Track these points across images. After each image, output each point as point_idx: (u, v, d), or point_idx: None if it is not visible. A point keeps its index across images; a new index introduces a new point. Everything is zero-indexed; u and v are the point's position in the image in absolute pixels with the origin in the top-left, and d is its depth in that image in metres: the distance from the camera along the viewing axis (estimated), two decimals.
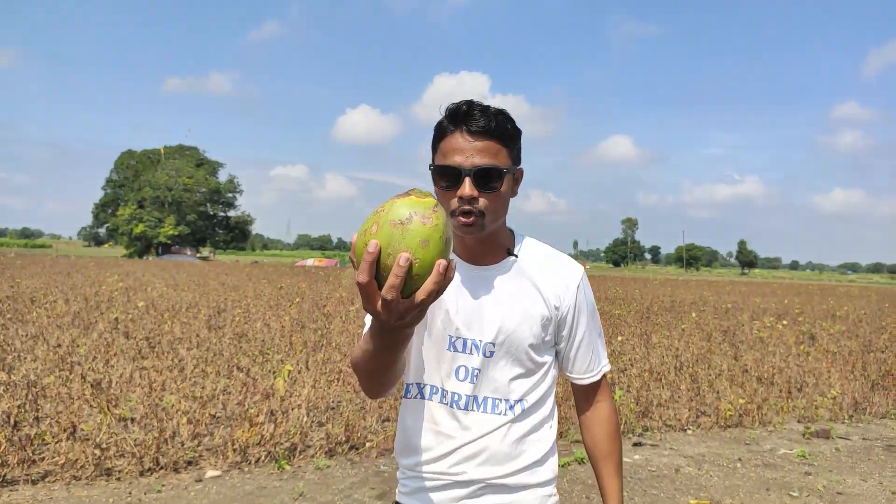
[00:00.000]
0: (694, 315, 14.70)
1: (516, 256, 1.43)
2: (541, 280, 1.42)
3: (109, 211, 75.25)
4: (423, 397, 1.43)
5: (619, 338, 9.94)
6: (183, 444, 4.64)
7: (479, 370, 1.39)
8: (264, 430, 4.84)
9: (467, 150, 1.30)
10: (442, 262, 0.90)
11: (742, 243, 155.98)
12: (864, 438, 6.08)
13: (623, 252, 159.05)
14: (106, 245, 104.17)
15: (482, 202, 1.31)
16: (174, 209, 70.86)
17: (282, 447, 4.73)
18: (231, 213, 79.11)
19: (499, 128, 1.32)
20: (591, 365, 1.50)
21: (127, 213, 69.70)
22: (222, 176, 77.97)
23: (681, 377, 7.53)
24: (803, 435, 6.05)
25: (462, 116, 1.31)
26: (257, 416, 4.97)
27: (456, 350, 1.40)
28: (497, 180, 1.32)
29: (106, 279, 19.25)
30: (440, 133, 1.36)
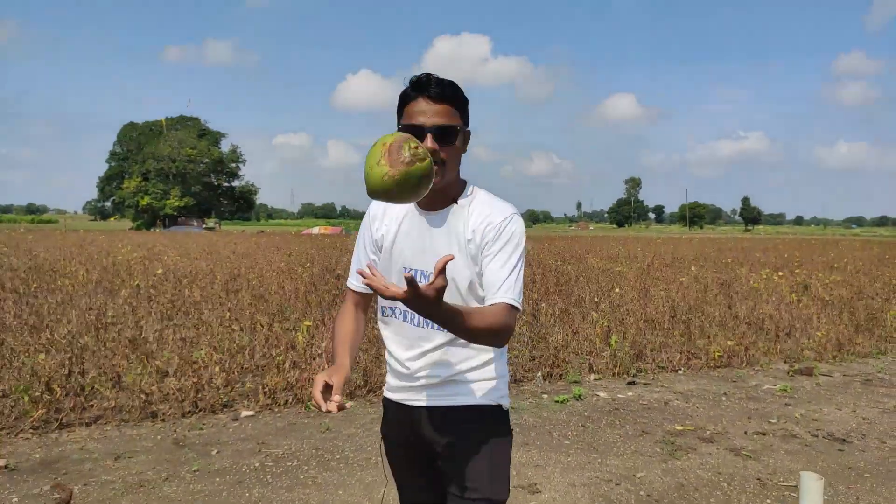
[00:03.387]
0: (693, 269, 15.11)
1: (457, 203, 1.73)
2: (472, 221, 1.70)
3: (114, 184, 75.54)
4: (394, 316, 1.80)
5: (616, 289, 10.38)
6: (218, 390, 5.12)
7: None
8: (290, 376, 5.31)
9: (428, 112, 1.62)
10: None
11: (746, 200, 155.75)
12: (844, 375, 6.54)
13: (627, 212, 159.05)
14: (112, 218, 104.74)
15: (442, 154, 1.62)
16: (179, 181, 71.15)
17: (307, 391, 5.21)
18: (235, 184, 79.41)
19: (453, 95, 1.65)
20: (492, 288, 1.64)
21: (132, 185, 70.06)
22: (225, 146, 78.06)
23: (675, 324, 7.98)
24: (788, 373, 6.51)
25: (423, 85, 1.64)
26: (284, 363, 5.44)
27: None
28: (453, 136, 1.64)
29: (119, 250, 19.74)
30: (405, 99, 1.67)
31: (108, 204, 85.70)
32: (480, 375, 1.77)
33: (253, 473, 3.82)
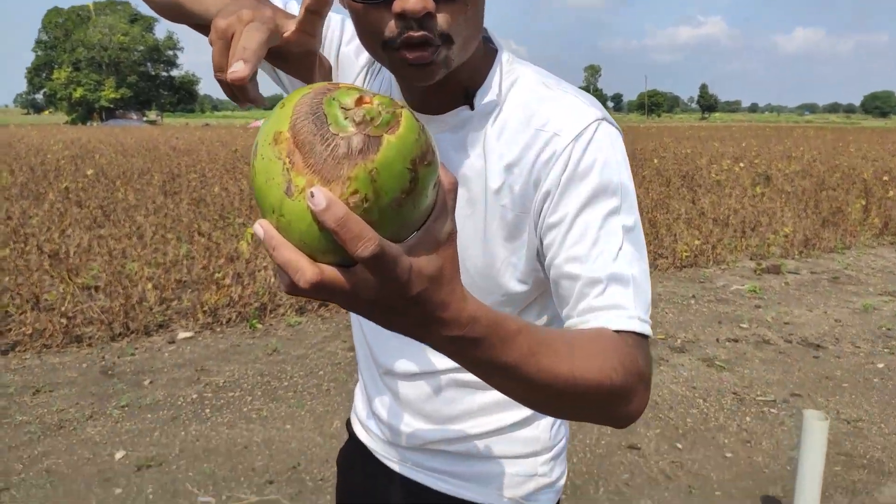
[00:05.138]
0: (655, 161, 14.84)
1: (472, 108, 0.78)
2: (508, 147, 0.77)
3: (44, 75, 70.58)
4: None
5: None
6: (151, 309, 4.64)
7: None
8: (232, 291, 4.85)
9: None
10: None
11: (704, 87, 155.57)
12: (811, 272, 6.40)
13: None
14: (46, 112, 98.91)
15: (443, 20, 0.67)
16: (113, 70, 66.79)
17: (252, 307, 4.77)
18: (174, 73, 75.09)
19: None
20: (583, 297, 0.70)
21: (63, 76, 65.50)
22: (160, 32, 73.04)
23: (641, 222, 7.71)
24: (755, 271, 6.33)
25: None
26: (224, 278, 4.97)
27: None
28: None
29: (50, 147, 18.41)
30: None
31: (39, 96, 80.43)
32: (505, 448, 0.92)
33: (190, 407, 3.43)
